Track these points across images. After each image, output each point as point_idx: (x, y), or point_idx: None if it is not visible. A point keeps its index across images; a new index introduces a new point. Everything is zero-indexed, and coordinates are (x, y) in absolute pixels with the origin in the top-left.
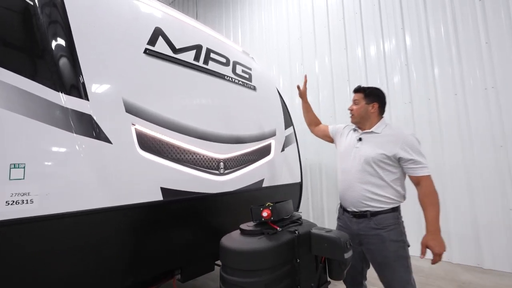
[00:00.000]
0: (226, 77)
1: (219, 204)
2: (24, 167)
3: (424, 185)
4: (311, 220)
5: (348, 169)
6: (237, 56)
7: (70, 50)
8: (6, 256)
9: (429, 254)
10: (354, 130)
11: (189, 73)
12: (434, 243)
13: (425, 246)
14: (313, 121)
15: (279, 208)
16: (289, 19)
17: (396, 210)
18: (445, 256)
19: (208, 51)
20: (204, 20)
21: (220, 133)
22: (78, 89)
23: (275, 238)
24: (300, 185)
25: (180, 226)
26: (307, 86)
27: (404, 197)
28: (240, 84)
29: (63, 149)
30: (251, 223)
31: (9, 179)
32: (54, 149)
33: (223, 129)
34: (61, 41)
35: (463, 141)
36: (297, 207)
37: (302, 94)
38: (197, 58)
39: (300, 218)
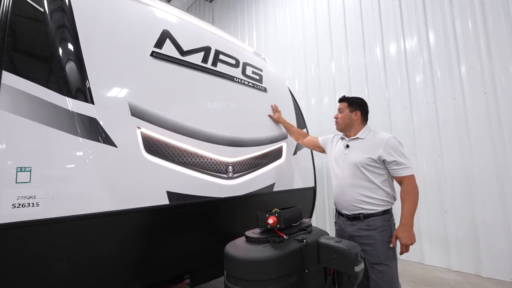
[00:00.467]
0: (235, 78)
1: (228, 209)
2: (30, 171)
3: (406, 183)
4: (328, 227)
5: (339, 175)
6: (248, 58)
7: (77, 54)
8: (12, 258)
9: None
10: (342, 138)
11: (197, 75)
12: (403, 235)
13: (395, 237)
14: (299, 136)
15: (286, 215)
16: (304, 18)
17: (387, 212)
18: (473, 269)
19: (217, 52)
20: (220, 23)
21: (228, 136)
22: (84, 93)
23: (281, 246)
24: (313, 190)
25: (187, 231)
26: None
27: (394, 198)
28: (249, 85)
29: (68, 153)
30: (257, 230)
31: (16, 182)
32: (60, 152)
33: (232, 132)
34: (68, 46)
35: (494, 144)
36: (310, 213)
37: (277, 120)
38: (205, 60)
39: (310, 225)
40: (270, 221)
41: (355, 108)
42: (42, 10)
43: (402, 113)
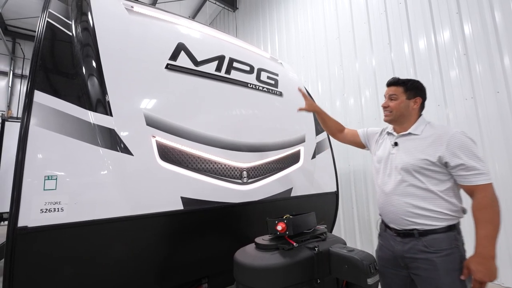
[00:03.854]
0: (249, 85)
1: (242, 214)
2: (56, 179)
3: (479, 196)
4: (357, 234)
5: (385, 180)
6: (263, 63)
7: (98, 71)
8: (39, 258)
9: None
10: (389, 133)
11: (210, 84)
12: (479, 268)
13: (467, 267)
14: (335, 129)
15: (296, 221)
16: (326, 19)
17: (453, 228)
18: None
19: (231, 60)
20: (244, 32)
21: (242, 141)
22: (104, 106)
23: (290, 254)
24: (336, 195)
25: (202, 235)
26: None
27: (463, 211)
28: (264, 90)
29: (90, 162)
30: (267, 237)
31: (44, 189)
32: (82, 162)
33: (245, 137)
34: (91, 64)
35: None
36: (333, 219)
37: (310, 107)
38: (218, 68)
39: (325, 232)
40: (279, 227)
41: (415, 94)
42: (70, 34)
43: (436, 110)
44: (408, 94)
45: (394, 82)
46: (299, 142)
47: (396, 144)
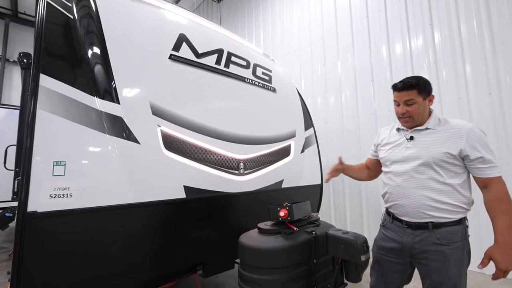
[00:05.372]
0: (246, 79)
1: (239, 204)
2: (65, 165)
3: (494, 188)
4: (333, 223)
5: (400, 172)
6: (258, 59)
7: (104, 57)
8: (47, 244)
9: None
10: (398, 129)
11: (211, 76)
12: (502, 258)
13: (489, 257)
14: (365, 173)
15: (296, 209)
16: (311, 19)
17: (463, 221)
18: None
19: (229, 54)
20: (227, 24)
21: (240, 134)
22: (110, 94)
23: (291, 238)
24: (320, 187)
25: (201, 224)
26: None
27: (472, 203)
28: (260, 86)
29: (97, 149)
30: (269, 223)
31: (53, 175)
32: (90, 148)
33: (243, 130)
34: (96, 50)
35: (499, 144)
36: (317, 209)
37: (337, 173)
38: (218, 62)
39: (318, 219)
40: (282, 213)
41: (428, 92)
42: (72, 17)
43: None
44: (423, 95)
45: (406, 86)
46: (290, 136)
47: (412, 138)
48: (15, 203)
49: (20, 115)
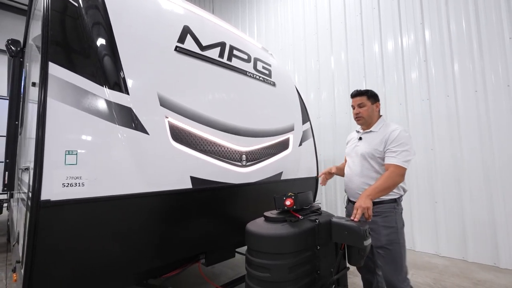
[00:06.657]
0: (248, 73)
1: (241, 194)
2: (76, 154)
3: (390, 170)
4: (339, 213)
5: (350, 165)
6: (258, 53)
7: (112, 48)
8: (60, 233)
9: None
10: (357, 131)
11: (215, 69)
12: (359, 201)
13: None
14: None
15: (301, 198)
16: (305, 14)
17: (394, 201)
18: (460, 254)
19: (231, 48)
20: (220, 16)
21: (243, 127)
22: (119, 84)
23: (297, 225)
24: (316, 179)
25: (206, 213)
26: None
27: (403, 189)
28: (261, 80)
29: (108, 139)
30: (274, 211)
31: (65, 164)
32: (100, 138)
33: (246, 123)
34: (104, 40)
35: (482, 140)
36: (313, 201)
37: (334, 174)
38: (221, 55)
39: (320, 208)
40: (288, 202)
41: (375, 100)
42: (76, 5)
43: (398, 108)
44: (371, 100)
45: (358, 93)
46: (289, 130)
47: (360, 138)
48: (3, 196)
49: (9, 105)
